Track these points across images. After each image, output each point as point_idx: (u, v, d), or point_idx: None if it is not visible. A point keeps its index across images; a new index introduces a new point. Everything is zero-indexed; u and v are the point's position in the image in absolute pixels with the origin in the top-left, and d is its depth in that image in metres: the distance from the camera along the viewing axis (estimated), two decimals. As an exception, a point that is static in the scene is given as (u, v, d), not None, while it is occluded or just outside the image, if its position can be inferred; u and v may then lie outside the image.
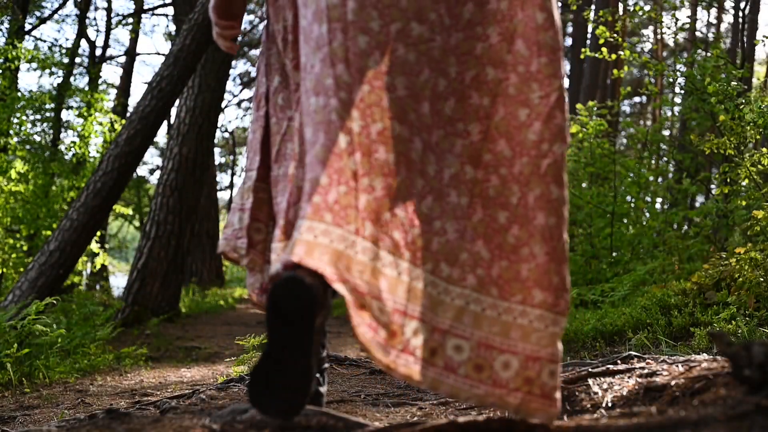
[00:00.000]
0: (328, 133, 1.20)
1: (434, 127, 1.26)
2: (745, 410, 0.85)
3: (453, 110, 1.27)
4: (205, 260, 10.98)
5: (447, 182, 1.26)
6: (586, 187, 6.22)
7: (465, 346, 1.19)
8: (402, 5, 1.24)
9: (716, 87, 4.00)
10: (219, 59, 7.06)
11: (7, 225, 8.57)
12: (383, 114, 1.22)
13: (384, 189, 1.20)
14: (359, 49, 1.22)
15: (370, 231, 1.17)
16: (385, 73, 1.23)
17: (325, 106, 1.22)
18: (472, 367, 1.18)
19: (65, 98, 9.70)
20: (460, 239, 1.24)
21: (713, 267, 3.19)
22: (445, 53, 1.27)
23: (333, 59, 1.22)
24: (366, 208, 1.17)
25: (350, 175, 1.18)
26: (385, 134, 1.21)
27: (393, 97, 1.23)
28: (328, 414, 1.17)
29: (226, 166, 23.58)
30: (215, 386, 2.38)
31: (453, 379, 1.17)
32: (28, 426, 2.21)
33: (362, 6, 1.22)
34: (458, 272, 1.22)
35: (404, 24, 1.24)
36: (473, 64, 1.28)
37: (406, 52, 1.24)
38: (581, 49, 6.45)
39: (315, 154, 1.20)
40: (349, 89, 1.21)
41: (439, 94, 1.26)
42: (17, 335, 3.40)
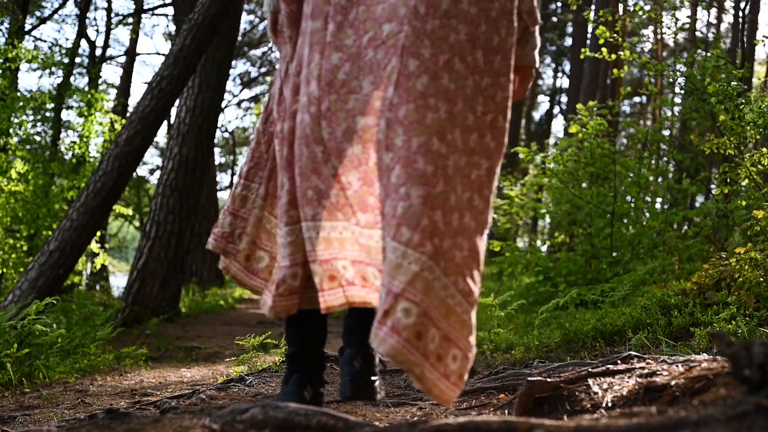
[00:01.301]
0: (308, 146, 1.43)
1: (463, 153, 1.40)
2: (745, 410, 0.85)
3: (475, 143, 1.42)
4: (205, 260, 10.98)
5: (465, 205, 1.39)
6: (586, 187, 6.22)
7: (413, 311, 1.27)
8: (450, 41, 1.39)
9: (716, 87, 3.99)
10: (219, 59, 7.06)
11: (7, 225, 8.57)
12: (425, 130, 1.34)
13: (421, 197, 1.31)
14: (408, 71, 1.36)
15: (407, 236, 1.29)
16: (430, 96, 1.36)
17: (374, 126, 1.39)
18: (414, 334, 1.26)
19: (65, 98, 9.70)
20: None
21: (713, 267, 3.19)
22: (475, 93, 1.42)
23: (381, 82, 1.39)
24: (402, 214, 1.30)
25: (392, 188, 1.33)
26: (424, 147, 1.34)
27: (436, 117, 1.36)
28: (328, 414, 1.17)
29: (226, 166, 23.58)
30: (215, 386, 2.38)
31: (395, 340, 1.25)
32: (28, 426, 2.21)
33: (417, 35, 1.37)
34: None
35: (450, 57, 1.39)
36: (493, 109, 1.45)
37: (449, 82, 1.38)
38: (581, 49, 6.45)
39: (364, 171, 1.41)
40: (395, 109, 1.35)
41: (467, 126, 1.41)
42: (17, 335, 3.40)
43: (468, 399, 2.01)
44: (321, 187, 1.46)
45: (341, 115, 1.43)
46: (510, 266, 6.16)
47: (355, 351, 1.67)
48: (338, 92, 1.44)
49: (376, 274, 1.44)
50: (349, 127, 1.43)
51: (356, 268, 1.47)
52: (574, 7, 5.88)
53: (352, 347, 1.68)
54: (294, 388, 1.59)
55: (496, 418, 1.00)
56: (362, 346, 1.67)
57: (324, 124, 1.44)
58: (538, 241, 11.43)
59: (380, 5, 1.42)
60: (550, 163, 6.00)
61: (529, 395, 1.53)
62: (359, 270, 1.47)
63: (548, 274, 5.60)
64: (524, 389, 1.54)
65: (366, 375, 1.65)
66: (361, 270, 1.47)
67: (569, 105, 13.82)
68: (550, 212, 6.53)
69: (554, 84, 23.34)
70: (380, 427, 1.16)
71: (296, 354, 1.64)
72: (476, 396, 2.03)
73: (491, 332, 3.49)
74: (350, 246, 1.47)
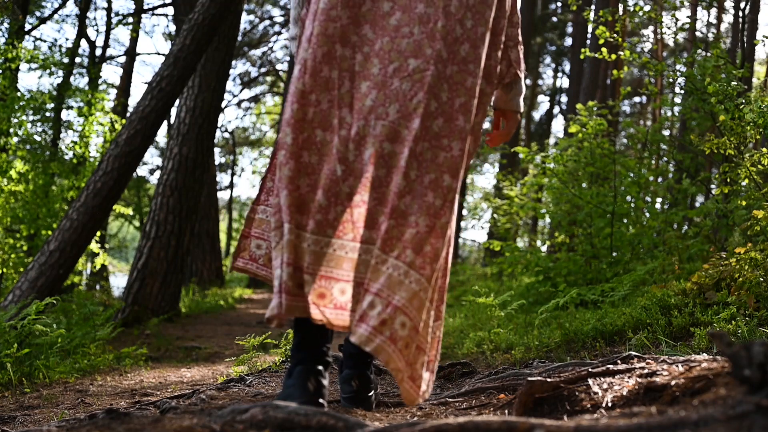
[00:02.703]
0: (329, 163, 1.54)
1: (421, 139, 1.55)
2: (745, 410, 0.85)
3: (440, 128, 1.57)
4: (205, 260, 10.97)
5: (426, 185, 1.54)
6: (586, 187, 6.22)
7: (347, 289, 1.49)
8: (401, 47, 1.57)
9: (716, 87, 3.99)
10: (219, 59, 7.07)
11: (7, 225, 8.57)
12: (375, 140, 1.53)
13: (428, 227, 1.52)
14: (360, 93, 1.56)
15: (411, 258, 1.49)
16: (380, 105, 1.55)
17: (330, 142, 1.54)
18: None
19: (65, 98, 9.70)
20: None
21: (713, 267, 3.19)
22: (439, 80, 1.57)
23: (339, 102, 1.56)
24: (410, 239, 1.49)
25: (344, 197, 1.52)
26: (375, 154, 1.53)
27: (384, 124, 1.54)
28: (328, 414, 1.17)
29: (226, 166, 23.58)
30: (215, 386, 2.38)
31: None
32: (28, 426, 2.21)
33: (367, 57, 1.57)
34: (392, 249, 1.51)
35: (401, 62, 1.56)
36: (462, 93, 1.60)
37: (401, 84, 1.55)
38: (581, 49, 6.45)
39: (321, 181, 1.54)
40: (348, 126, 1.55)
41: (429, 113, 1.56)
42: (17, 335, 3.40)
43: (468, 399, 2.01)
44: (324, 203, 1.53)
45: (369, 140, 1.55)
46: (510, 266, 6.16)
47: (352, 372, 1.88)
48: (366, 118, 1.56)
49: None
50: (377, 152, 1.54)
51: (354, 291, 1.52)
52: (574, 7, 5.88)
53: (350, 369, 1.89)
54: (297, 380, 1.62)
55: (496, 418, 1.00)
56: (359, 369, 1.88)
57: (352, 146, 1.56)
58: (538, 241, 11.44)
59: (405, 39, 1.58)
60: (550, 163, 5.99)
61: (529, 395, 1.53)
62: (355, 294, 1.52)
63: (548, 274, 5.59)
64: (524, 389, 1.54)
65: (363, 393, 1.87)
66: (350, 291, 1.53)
67: (569, 105, 13.81)
68: (550, 212, 6.53)
69: (554, 84, 23.35)
70: (380, 427, 1.16)
71: (302, 342, 1.67)
72: (476, 396, 2.03)
73: (491, 332, 3.49)
74: (346, 265, 1.53)
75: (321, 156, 1.57)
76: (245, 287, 12.94)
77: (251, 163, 26.89)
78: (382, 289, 1.45)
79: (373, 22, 1.59)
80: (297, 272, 1.49)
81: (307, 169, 1.56)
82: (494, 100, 1.92)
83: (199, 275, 10.78)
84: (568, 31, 20.44)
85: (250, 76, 21.50)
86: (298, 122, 1.57)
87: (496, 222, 9.79)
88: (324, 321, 1.48)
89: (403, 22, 1.58)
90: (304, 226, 1.52)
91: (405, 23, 1.58)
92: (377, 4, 1.59)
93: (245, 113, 25.82)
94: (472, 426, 0.99)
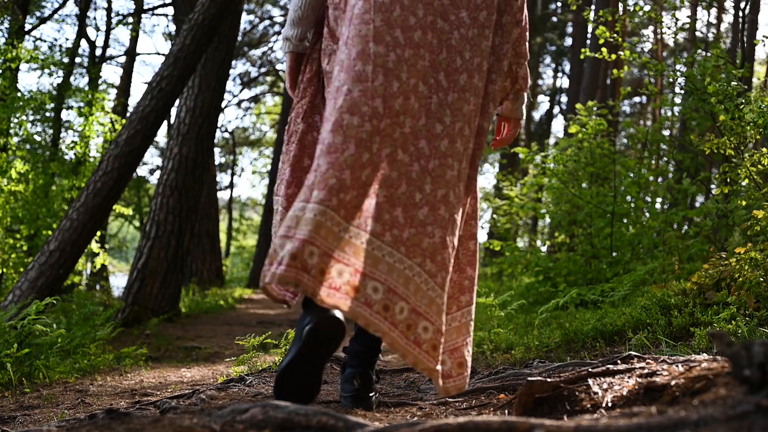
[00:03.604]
0: (359, 146, 1.59)
1: (431, 157, 1.71)
2: (745, 410, 0.85)
3: (446, 148, 1.73)
4: (205, 260, 10.97)
5: (439, 199, 1.70)
6: (586, 187, 6.21)
7: (380, 288, 1.57)
8: (419, 67, 1.71)
9: (716, 87, 3.99)
10: (219, 59, 7.06)
11: (7, 225, 8.57)
12: (393, 143, 1.65)
13: (386, 196, 1.62)
14: (393, 90, 1.65)
15: (372, 226, 1.58)
16: (401, 113, 1.66)
17: (359, 126, 1.60)
18: (382, 306, 1.56)
19: (65, 98, 9.69)
20: (442, 243, 1.69)
21: (713, 267, 3.19)
22: (441, 107, 1.74)
23: (373, 93, 1.63)
24: (369, 209, 1.57)
25: (363, 182, 1.58)
26: (391, 156, 1.64)
27: (401, 132, 1.66)
28: (328, 414, 1.17)
29: (226, 166, 23.56)
30: (215, 386, 2.38)
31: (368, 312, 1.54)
32: (28, 426, 2.21)
33: (399, 60, 1.67)
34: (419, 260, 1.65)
35: (416, 81, 1.70)
36: (460, 119, 1.76)
37: (414, 101, 1.69)
38: (581, 49, 6.45)
39: (344, 159, 1.57)
40: (379, 119, 1.63)
41: (435, 135, 1.72)
42: (17, 335, 3.40)
43: (468, 399, 2.01)
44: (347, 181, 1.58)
45: (387, 141, 1.64)
46: (510, 266, 6.16)
47: (355, 371, 1.90)
48: (393, 118, 1.66)
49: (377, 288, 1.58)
50: (391, 154, 1.65)
51: (355, 278, 1.54)
52: (574, 7, 5.88)
53: (352, 367, 1.92)
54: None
55: (496, 418, 1.00)
56: (362, 367, 1.90)
57: (377, 140, 1.63)
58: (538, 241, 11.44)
59: (420, 61, 1.72)
60: (550, 163, 5.99)
61: (529, 395, 1.53)
62: (355, 281, 1.54)
63: (548, 274, 5.59)
64: (524, 389, 1.54)
65: (364, 392, 1.89)
66: (357, 282, 1.55)
67: (569, 105, 13.81)
68: (550, 212, 6.53)
69: (554, 84, 23.34)
70: (380, 427, 1.16)
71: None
72: (476, 396, 2.03)
73: (491, 332, 3.49)
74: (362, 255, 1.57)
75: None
76: (245, 287, 12.94)
77: (251, 163, 26.89)
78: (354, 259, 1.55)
79: (404, 29, 1.70)
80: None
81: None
82: (500, 109, 2.12)
83: (199, 275, 10.78)
84: (568, 31, 20.43)
85: (250, 76, 21.49)
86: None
87: (496, 222, 9.79)
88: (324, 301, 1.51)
89: (422, 43, 1.72)
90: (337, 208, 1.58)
91: (423, 45, 1.72)
92: (406, 14, 1.70)
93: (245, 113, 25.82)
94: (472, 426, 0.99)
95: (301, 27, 1.95)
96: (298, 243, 1.48)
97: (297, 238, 1.49)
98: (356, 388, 1.87)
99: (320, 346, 1.71)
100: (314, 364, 1.74)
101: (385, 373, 2.68)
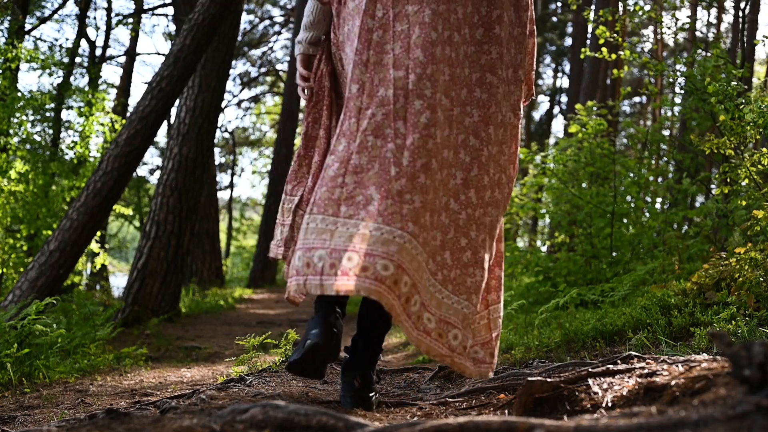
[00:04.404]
0: (383, 165, 1.69)
1: (455, 167, 1.84)
2: (745, 410, 0.85)
3: (489, 198, 1.91)
4: (205, 260, 10.97)
5: (480, 243, 1.87)
6: (586, 187, 6.21)
7: (432, 319, 1.73)
8: (441, 81, 1.78)
9: (716, 87, 3.99)
10: (219, 59, 7.06)
11: (7, 225, 8.57)
12: (428, 153, 1.73)
13: (421, 202, 1.71)
14: (415, 109, 1.73)
15: (411, 229, 1.68)
16: (431, 126, 1.74)
17: (382, 146, 1.71)
18: (437, 334, 1.74)
19: (65, 98, 9.69)
20: (483, 280, 1.89)
21: (713, 267, 3.19)
22: (460, 118, 1.85)
23: (395, 115, 1.73)
24: (407, 214, 1.67)
25: (395, 192, 1.67)
26: (426, 166, 1.73)
27: (434, 143, 1.75)
28: (328, 414, 1.17)
29: (226, 166, 23.55)
30: (215, 386, 2.38)
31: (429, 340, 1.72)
32: (28, 426, 2.21)
33: (420, 78, 1.74)
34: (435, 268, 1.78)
35: (440, 95, 1.77)
36: (471, 130, 1.88)
37: (441, 113, 1.78)
38: (581, 49, 6.45)
39: (369, 177, 1.69)
40: (403, 138, 1.72)
41: (458, 145, 1.85)
42: (17, 335, 3.40)
43: (468, 399, 2.01)
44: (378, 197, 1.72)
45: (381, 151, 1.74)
46: (510, 266, 6.16)
47: (354, 371, 1.92)
48: (423, 133, 1.75)
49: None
50: (442, 199, 1.82)
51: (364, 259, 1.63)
52: (574, 7, 5.88)
53: (353, 367, 1.93)
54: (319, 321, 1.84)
55: (496, 418, 1.00)
56: (362, 367, 1.92)
57: (407, 154, 1.74)
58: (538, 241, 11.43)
59: (468, 116, 1.87)
60: (550, 163, 5.99)
61: (529, 395, 1.53)
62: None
63: (548, 274, 5.59)
64: (524, 389, 1.54)
65: (364, 392, 1.91)
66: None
67: (569, 105, 13.81)
68: (550, 212, 6.53)
69: (554, 84, 23.32)
70: (380, 426, 1.16)
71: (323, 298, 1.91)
72: (476, 396, 2.03)
73: (491, 332, 3.48)
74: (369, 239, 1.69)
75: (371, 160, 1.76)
76: (245, 287, 12.94)
77: (251, 163, 26.88)
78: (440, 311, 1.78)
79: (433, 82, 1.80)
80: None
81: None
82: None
83: (199, 275, 10.77)
84: (568, 31, 20.43)
85: (250, 76, 21.49)
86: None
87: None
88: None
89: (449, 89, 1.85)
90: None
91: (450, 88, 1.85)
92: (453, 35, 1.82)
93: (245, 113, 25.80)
94: (472, 426, 0.99)
95: (313, 31, 2.05)
96: (394, 267, 1.60)
97: (388, 259, 1.60)
98: (356, 388, 1.89)
99: (318, 361, 1.80)
100: (319, 361, 1.83)
101: (385, 373, 2.68)
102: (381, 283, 1.56)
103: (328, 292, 1.57)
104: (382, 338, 1.99)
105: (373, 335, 1.94)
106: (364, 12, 1.80)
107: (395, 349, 4.45)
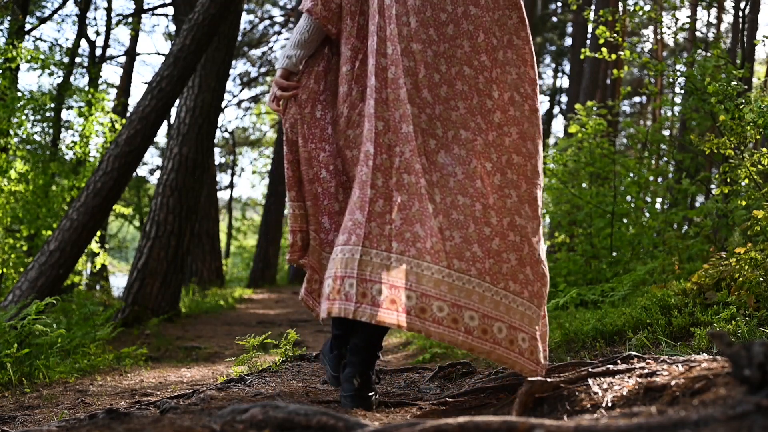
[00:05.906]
0: (421, 202, 1.86)
1: (489, 194, 1.92)
2: (745, 410, 0.85)
3: (500, 181, 1.95)
4: (205, 260, 10.96)
5: (506, 227, 1.90)
6: (586, 187, 6.21)
7: (475, 316, 1.79)
8: (423, 96, 1.92)
9: (716, 87, 3.99)
10: (219, 59, 7.06)
11: (7, 225, 8.56)
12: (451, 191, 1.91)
13: (461, 237, 1.85)
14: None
15: (458, 266, 1.82)
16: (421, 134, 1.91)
17: (416, 183, 1.88)
18: (481, 330, 1.79)
19: (65, 98, 9.68)
20: (519, 263, 1.91)
21: (713, 267, 3.19)
22: (486, 147, 1.96)
23: (419, 151, 1.90)
24: (451, 251, 1.81)
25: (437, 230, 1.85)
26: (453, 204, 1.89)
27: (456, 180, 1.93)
28: (328, 414, 1.17)
29: (226, 166, 23.54)
30: (215, 386, 2.38)
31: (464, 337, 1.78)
32: (28, 426, 2.21)
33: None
34: (465, 265, 1.83)
35: (419, 112, 1.91)
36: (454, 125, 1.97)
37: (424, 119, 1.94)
38: (581, 49, 6.45)
39: (412, 214, 1.87)
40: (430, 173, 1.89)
41: (449, 143, 1.94)
42: (17, 335, 3.40)
43: (468, 399, 2.01)
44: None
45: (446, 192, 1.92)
46: (510, 266, 6.14)
47: (354, 370, 1.91)
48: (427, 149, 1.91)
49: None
50: (452, 202, 1.90)
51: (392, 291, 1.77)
52: (574, 7, 5.88)
53: (353, 367, 1.89)
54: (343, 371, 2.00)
55: (496, 418, 1.00)
56: (362, 367, 1.91)
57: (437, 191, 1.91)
58: (538, 241, 11.39)
59: (454, 112, 1.93)
60: (550, 163, 5.99)
61: (529, 395, 1.53)
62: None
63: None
64: (524, 389, 1.54)
65: (364, 392, 1.90)
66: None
67: (569, 105, 13.80)
68: (550, 212, 6.53)
69: (554, 84, 23.32)
70: (380, 426, 1.16)
71: (341, 336, 2.12)
72: (476, 396, 2.03)
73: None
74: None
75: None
76: (245, 287, 12.94)
77: (251, 163, 26.86)
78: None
79: (430, 87, 1.95)
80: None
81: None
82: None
83: (199, 275, 10.77)
84: (568, 31, 20.42)
85: (250, 76, 21.47)
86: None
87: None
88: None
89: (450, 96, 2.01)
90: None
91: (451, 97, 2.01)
92: (430, 72, 1.95)
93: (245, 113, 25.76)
94: (472, 426, 0.99)
95: (303, 50, 2.06)
96: (417, 296, 1.74)
97: (418, 291, 1.75)
98: (356, 388, 1.89)
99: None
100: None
101: (385, 373, 2.68)
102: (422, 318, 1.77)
103: (381, 323, 1.74)
104: (381, 338, 1.99)
105: (372, 335, 1.94)
106: (376, 51, 1.93)
107: (395, 349, 4.45)
